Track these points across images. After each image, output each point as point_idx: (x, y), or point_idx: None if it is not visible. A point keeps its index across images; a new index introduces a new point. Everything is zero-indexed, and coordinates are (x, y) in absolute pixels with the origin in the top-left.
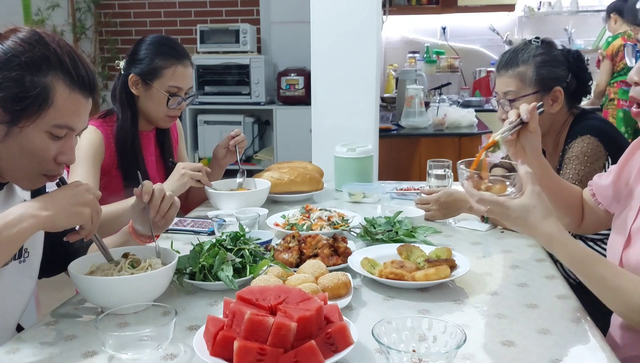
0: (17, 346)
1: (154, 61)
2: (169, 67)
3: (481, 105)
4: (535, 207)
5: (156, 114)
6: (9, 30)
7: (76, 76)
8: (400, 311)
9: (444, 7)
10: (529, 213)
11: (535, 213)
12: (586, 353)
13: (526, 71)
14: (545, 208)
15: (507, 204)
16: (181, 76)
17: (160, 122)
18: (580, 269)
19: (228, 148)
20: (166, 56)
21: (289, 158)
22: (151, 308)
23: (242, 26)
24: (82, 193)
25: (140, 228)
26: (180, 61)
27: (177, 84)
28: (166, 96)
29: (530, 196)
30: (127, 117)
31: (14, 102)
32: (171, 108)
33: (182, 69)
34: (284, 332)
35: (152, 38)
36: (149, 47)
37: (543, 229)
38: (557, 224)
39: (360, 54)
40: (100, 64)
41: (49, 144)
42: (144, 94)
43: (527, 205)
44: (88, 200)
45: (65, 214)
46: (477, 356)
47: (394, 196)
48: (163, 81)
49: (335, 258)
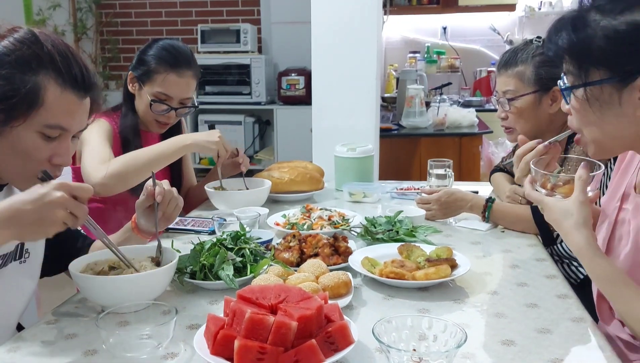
0: (17, 345)
1: (151, 63)
2: (160, 73)
3: (482, 105)
4: (573, 215)
5: (144, 117)
6: (7, 30)
7: (68, 75)
8: (400, 310)
9: (445, 7)
10: (565, 218)
11: (571, 220)
12: (586, 353)
13: (525, 70)
14: (583, 218)
15: (550, 204)
16: (172, 84)
17: (150, 127)
18: (604, 287)
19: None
20: (161, 61)
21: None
22: (152, 307)
23: (242, 26)
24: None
25: (144, 223)
26: (174, 69)
27: (165, 92)
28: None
29: (573, 203)
30: (128, 111)
31: (3, 101)
32: (158, 115)
33: (175, 77)
34: (285, 330)
35: (162, 42)
36: (154, 50)
37: (573, 238)
38: (589, 237)
39: (361, 53)
40: (101, 64)
41: (42, 145)
42: (137, 94)
43: (566, 210)
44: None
45: (30, 230)
46: (477, 355)
47: (394, 196)
48: (152, 85)
49: (336, 257)
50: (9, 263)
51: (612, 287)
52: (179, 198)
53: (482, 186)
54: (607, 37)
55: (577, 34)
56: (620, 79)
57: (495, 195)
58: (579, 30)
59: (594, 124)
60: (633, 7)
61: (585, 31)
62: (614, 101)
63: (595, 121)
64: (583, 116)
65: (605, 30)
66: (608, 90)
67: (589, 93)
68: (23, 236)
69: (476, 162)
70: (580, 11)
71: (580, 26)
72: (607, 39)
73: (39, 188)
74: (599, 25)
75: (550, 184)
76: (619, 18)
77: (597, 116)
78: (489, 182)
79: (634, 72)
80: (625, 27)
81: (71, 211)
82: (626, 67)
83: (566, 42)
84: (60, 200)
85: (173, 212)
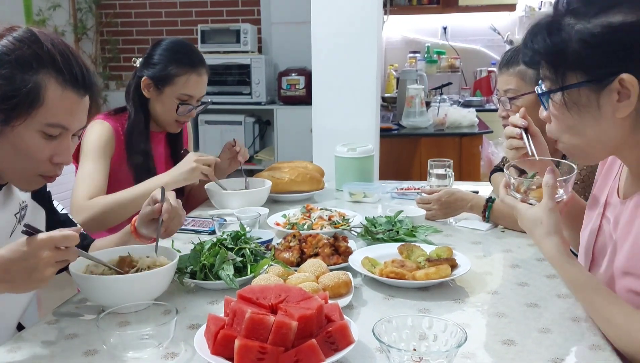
0: (18, 345)
1: (168, 67)
2: (182, 75)
3: (482, 105)
4: (542, 222)
5: (165, 119)
6: (5, 29)
7: (69, 74)
8: (400, 310)
9: (445, 7)
10: (535, 226)
11: (541, 228)
12: (586, 353)
13: (526, 69)
14: (552, 225)
15: (521, 212)
16: (194, 85)
17: (168, 128)
18: (575, 293)
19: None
20: (181, 64)
21: (290, 158)
22: (152, 307)
23: (242, 26)
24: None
25: (145, 231)
26: (194, 70)
27: (189, 93)
28: (176, 103)
29: (541, 210)
30: (140, 119)
31: (4, 101)
32: (180, 115)
33: (196, 77)
34: (285, 330)
35: (169, 42)
36: (165, 52)
37: (544, 246)
38: (559, 244)
39: (361, 53)
40: (101, 65)
41: (43, 144)
42: (155, 98)
43: (535, 219)
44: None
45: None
46: (478, 355)
47: (394, 196)
48: (175, 88)
49: (336, 257)
50: None
51: (583, 293)
52: (183, 213)
53: (482, 186)
54: (582, 40)
55: (552, 38)
56: (597, 82)
57: (496, 195)
58: (553, 34)
59: (573, 129)
60: (607, 9)
61: (560, 35)
62: (592, 104)
63: (574, 126)
64: (562, 122)
65: (580, 33)
66: (585, 93)
67: (566, 97)
68: (16, 290)
69: (476, 162)
70: (556, 16)
71: (555, 31)
72: (582, 42)
73: (22, 246)
74: (573, 29)
75: (523, 188)
76: (593, 21)
77: (576, 121)
78: (489, 182)
79: (609, 75)
80: (599, 30)
81: (59, 261)
82: (602, 69)
83: (542, 47)
84: (46, 260)
85: (175, 227)
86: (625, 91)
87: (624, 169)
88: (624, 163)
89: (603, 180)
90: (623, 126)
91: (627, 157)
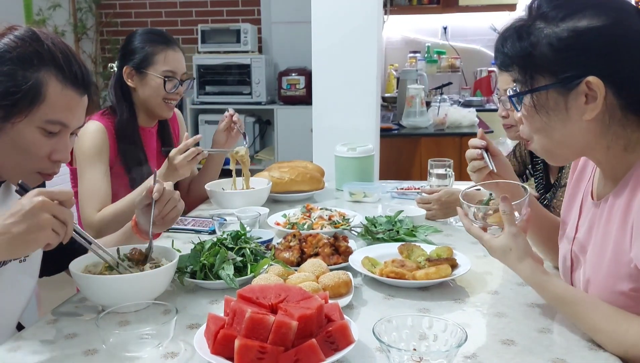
0: (17, 344)
1: (144, 49)
2: (159, 53)
3: (482, 105)
4: (512, 249)
5: (154, 101)
6: (6, 28)
7: (69, 72)
8: (400, 310)
9: (445, 7)
10: (505, 254)
11: (512, 255)
12: (586, 353)
13: None
14: (521, 250)
15: (489, 244)
16: (173, 60)
17: (159, 110)
18: (558, 307)
19: (228, 130)
20: (155, 43)
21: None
22: (152, 306)
23: (243, 26)
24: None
25: (144, 223)
26: (169, 46)
27: (171, 68)
28: (161, 82)
29: (507, 238)
30: (124, 110)
31: (5, 97)
32: (169, 93)
33: (173, 53)
34: (285, 330)
35: (140, 30)
36: (138, 38)
37: (519, 271)
38: (533, 266)
39: (361, 53)
40: (101, 64)
41: (42, 141)
42: (139, 84)
43: (504, 247)
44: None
45: (19, 242)
46: (478, 355)
47: (394, 196)
48: (156, 66)
49: (336, 257)
50: (10, 261)
51: (565, 307)
52: (180, 202)
53: None
54: (550, 44)
55: (521, 42)
56: (564, 85)
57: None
58: (523, 38)
59: (542, 131)
60: (574, 14)
61: (529, 39)
62: (560, 107)
63: (543, 128)
64: (532, 124)
65: (548, 37)
66: (554, 96)
67: (535, 100)
68: (14, 251)
69: None
70: (526, 20)
71: (524, 34)
72: (549, 46)
73: (18, 201)
74: (542, 33)
75: (481, 214)
76: (561, 25)
77: (545, 123)
78: None
79: (576, 77)
80: (566, 33)
81: (55, 214)
82: (569, 72)
83: (512, 51)
84: (42, 203)
85: (170, 213)
86: (592, 93)
87: (597, 170)
88: (596, 164)
89: (577, 182)
90: (590, 128)
91: (598, 158)
